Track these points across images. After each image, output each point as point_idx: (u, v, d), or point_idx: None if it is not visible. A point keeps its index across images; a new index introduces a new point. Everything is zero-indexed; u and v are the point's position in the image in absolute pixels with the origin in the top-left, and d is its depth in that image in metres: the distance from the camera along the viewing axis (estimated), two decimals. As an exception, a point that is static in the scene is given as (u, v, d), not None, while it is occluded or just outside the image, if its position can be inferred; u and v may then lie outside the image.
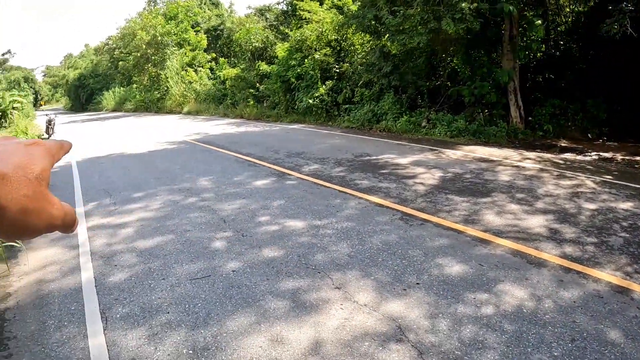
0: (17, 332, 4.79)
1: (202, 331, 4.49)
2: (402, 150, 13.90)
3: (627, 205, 7.96)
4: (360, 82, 21.61)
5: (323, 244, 6.49)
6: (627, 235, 6.55)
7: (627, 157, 12.59)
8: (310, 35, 24.59)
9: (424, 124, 17.57)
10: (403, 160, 12.10)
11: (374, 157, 12.72)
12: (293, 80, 25.01)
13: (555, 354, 3.90)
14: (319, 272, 5.58)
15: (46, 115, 26.72)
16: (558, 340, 4.07)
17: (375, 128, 19.20)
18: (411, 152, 13.50)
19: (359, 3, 21.19)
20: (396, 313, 4.59)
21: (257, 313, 4.75)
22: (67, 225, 0.65)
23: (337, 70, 23.39)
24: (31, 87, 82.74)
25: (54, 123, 25.69)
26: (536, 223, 7.00)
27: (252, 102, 29.66)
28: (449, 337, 4.15)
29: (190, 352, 4.19)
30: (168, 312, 4.88)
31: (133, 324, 4.71)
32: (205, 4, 51.37)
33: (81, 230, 7.98)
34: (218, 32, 45.22)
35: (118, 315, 4.92)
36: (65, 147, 0.71)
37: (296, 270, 5.68)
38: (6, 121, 32.81)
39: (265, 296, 5.08)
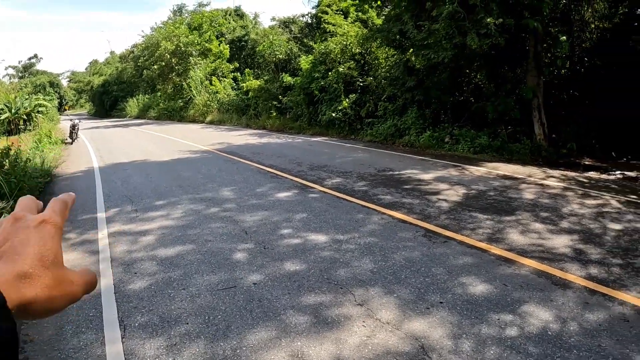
0: (34, 335, 4.84)
1: (222, 344, 4.49)
2: (425, 165, 13.86)
3: (653, 226, 7.84)
4: (384, 96, 21.59)
5: (346, 259, 6.48)
6: (654, 257, 6.46)
7: (653, 176, 12.42)
8: (335, 48, 24.62)
9: (447, 139, 17.49)
10: (426, 176, 12.06)
11: (397, 172, 12.69)
12: (316, 92, 25.08)
13: (581, 378, 3.86)
14: (342, 288, 5.57)
15: (70, 120, 27.16)
16: (583, 365, 4.02)
17: (398, 143, 19.15)
18: (434, 167, 13.45)
19: (384, 17, 21.23)
20: (419, 332, 4.56)
21: (277, 327, 4.75)
22: (89, 292, 0.71)
23: (361, 84, 23.37)
24: (56, 91, 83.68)
25: (78, 128, 26.13)
26: (561, 243, 6.93)
27: (274, 114, 29.75)
28: (472, 358, 4.11)
29: (209, 365, 4.19)
30: (187, 323, 4.90)
31: (152, 334, 4.73)
32: (230, 14, 51.69)
33: (102, 236, 8.06)
34: (242, 43, 45.47)
35: (137, 324, 4.95)
36: (69, 204, 0.75)
37: (318, 285, 5.67)
38: (31, 124, 33.39)
39: (287, 310, 5.08)
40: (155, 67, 44.16)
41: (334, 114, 23.39)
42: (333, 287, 5.62)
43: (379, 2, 22.36)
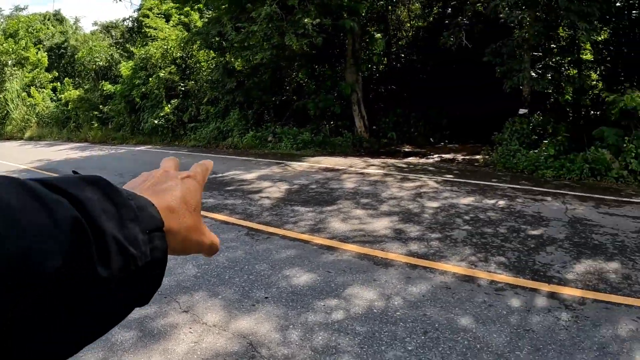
0: None
1: (48, 374, 4.10)
2: (248, 165, 13.87)
3: (467, 200, 8.47)
4: (206, 100, 21.38)
5: (168, 267, 6.08)
6: (469, 227, 6.95)
7: (467, 157, 13.44)
8: (155, 52, 23.94)
9: (270, 138, 17.68)
10: (249, 176, 12.05)
11: (220, 175, 12.53)
12: (138, 100, 24.17)
13: (410, 348, 3.95)
14: (165, 297, 5.31)
15: None
16: (411, 335, 4.14)
17: (222, 145, 19.14)
18: (257, 167, 13.51)
19: (206, 20, 21.04)
20: (246, 330, 4.45)
21: (104, 348, 4.40)
22: (211, 253, 0.75)
23: (183, 88, 22.91)
24: None
25: None
26: (381, 225, 7.18)
27: (96, 125, 28.23)
28: (301, 347, 4.08)
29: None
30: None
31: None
32: (49, 19, 48.21)
33: None
34: (62, 50, 42.62)
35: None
36: (209, 168, 0.83)
37: (141, 298, 5.39)
38: None
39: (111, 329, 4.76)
40: (-33, 79, 40.39)
41: (156, 121, 22.75)
42: (157, 297, 5.34)
43: (200, 5, 22.14)
